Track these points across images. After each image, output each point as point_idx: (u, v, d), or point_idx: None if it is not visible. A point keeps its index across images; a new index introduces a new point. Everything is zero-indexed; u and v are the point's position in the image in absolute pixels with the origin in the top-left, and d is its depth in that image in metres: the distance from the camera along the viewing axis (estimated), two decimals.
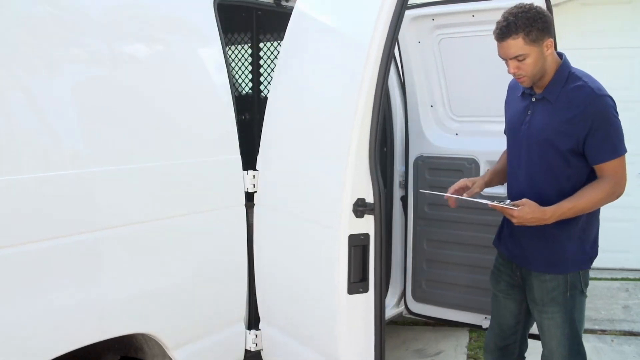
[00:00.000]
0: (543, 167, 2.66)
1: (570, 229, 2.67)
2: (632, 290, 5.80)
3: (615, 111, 2.60)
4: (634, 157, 6.24)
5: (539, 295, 2.75)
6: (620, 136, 2.60)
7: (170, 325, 2.64)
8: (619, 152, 2.58)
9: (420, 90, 3.96)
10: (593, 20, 6.19)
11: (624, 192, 2.62)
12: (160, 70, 2.63)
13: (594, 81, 2.64)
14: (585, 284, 2.75)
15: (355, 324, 2.52)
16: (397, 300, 4.20)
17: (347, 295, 2.47)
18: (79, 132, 2.33)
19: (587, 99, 2.56)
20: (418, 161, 3.99)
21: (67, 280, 2.30)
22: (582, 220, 2.67)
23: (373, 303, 2.51)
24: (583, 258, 2.73)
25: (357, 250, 2.46)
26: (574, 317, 2.72)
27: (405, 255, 4.08)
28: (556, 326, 2.73)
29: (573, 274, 2.71)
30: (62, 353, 2.29)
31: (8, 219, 2.11)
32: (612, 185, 2.57)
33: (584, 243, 2.72)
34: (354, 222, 2.44)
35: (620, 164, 2.59)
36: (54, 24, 2.31)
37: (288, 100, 2.90)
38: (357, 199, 2.43)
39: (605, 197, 2.59)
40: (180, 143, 2.67)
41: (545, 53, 2.58)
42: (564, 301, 2.71)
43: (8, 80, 2.15)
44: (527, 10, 2.54)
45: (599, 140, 2.55)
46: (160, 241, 2.59)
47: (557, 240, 2.68)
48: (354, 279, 2.46)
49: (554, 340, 2.76)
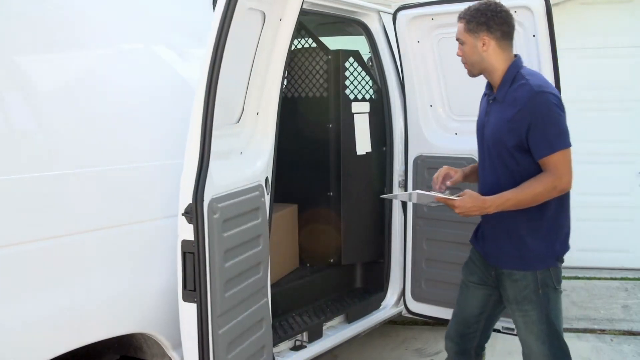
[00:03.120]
0: (500, 165, 2.75)
1: (537, 226, 2.73)
2: (631, 290, 5.80)
3: (557, 107, 2.65)
4: (634, 157, 6.27)
5: (512, 295, 2.80)
6: (560, 131, 2.64)
7: (169, 325, 2.64)
8: (558, 146, 2.62)
9: (420, 89, 3.96)
10: (593, 20, 6.19)
11: (569, 188, 2.67)
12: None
13: (539, 79, 2.72)
14: (558, 281, 2.79)
15: (193, 334, 2.43)
16: (397, 299, 4.21)
17: (183, 302, 2.42)
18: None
19: (527, 95, 2.64)
20: (417, 161, 3.99)
21: (65, 280, 2.30)
22: (550, 217, 2.73)
23: (196, 317, 2.41)
24: (552, 256, 2.77)
25: (189, 257, 2.39)
26: (549, 314, 2.77)
27: (405, 255, 4.08)
28: (532, 323, 2.79)
29: (543, 272, 2.75)
30: (62, 353, 2.29)
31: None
32: (553, 180, 2.62)
33: (553, 241, 2.76)
34: (186, 228, 2.38)
35: (562, 159, 2.63)
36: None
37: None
38: (188, 204, 2.37)
39: (545, 191, 2.63)
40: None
41: (480, 48, 2.72)
42: (537, 299, 2.75)
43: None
44: (484, 4, 2.74)
45: (539, 135, 2.62)
46: (159, 241, 2.59)
47: (525, 238, 2.74)
48: (189, 286, 2.41)
49: (531, 338, 2.81)
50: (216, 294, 2.43)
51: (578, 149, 6.59)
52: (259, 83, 2.80)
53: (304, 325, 3.65)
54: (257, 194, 2.73)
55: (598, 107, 6.21)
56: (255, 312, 2.73)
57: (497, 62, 2.74)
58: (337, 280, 4.25)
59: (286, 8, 2.76)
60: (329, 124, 4.11)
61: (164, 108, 2.69)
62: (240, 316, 2.62)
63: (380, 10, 4.13)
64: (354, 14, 4.03)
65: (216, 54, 2.29)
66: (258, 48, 2.72)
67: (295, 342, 3.59)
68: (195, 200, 2.34)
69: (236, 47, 2.45)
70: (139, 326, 2.57)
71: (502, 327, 3.66)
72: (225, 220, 2.48)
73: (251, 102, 2.79)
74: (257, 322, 2.77)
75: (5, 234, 2.12)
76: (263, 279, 2.79)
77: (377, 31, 4.12)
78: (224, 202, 2.48)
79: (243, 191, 2.64)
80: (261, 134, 2.86)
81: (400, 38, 3.89)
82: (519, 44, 3.54)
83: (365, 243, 4.24)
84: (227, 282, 2.50)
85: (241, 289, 2.62)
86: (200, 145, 2.33)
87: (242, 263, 2.62)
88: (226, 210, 2.48)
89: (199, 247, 2.36)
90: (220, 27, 2.28)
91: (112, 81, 2.53)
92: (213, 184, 2.42)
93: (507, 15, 2.75)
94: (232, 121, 2.74)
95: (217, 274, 2.43)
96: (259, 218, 2.74)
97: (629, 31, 6.16)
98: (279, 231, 3.84)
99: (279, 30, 2.79)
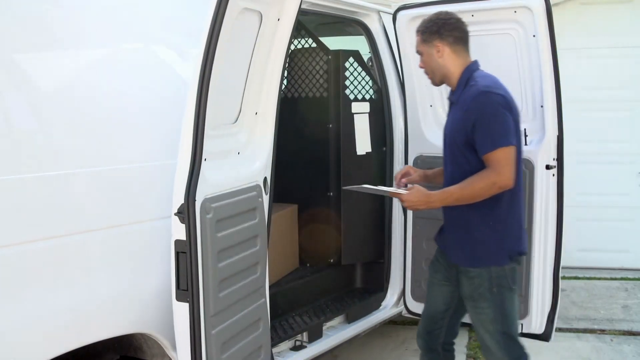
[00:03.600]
0: (455, 164, 2.88)
1: (488, 222, 2.85)
2: (631, 290, 5.80)
3: (502, 107, 2.75)
4: (634, 157, 6.27)
5: (468, 292, 2.92)
6: (503, 130, 2.74)
7: (169, 325, 2.64)
8: (499, 144, 2.71)
9: (420, 89, 3.96)
10: (593, 20, 6.19)
11: (509, 184, 2.74)
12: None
13: (488, 80, 2.83)
14: (513, 281, 2.88)
15: (186, 333, 2.44)
16: (397, 299, 4.21)
17: (176, 302, 2.43)
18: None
19: (473, 95, 2.78)
20: (417, 161, 3.99)
21: (66, 280, 2.30)
22: (500, 214, 2.84)
23: (188, 316, 2.41)
24: (503, 254, 2.86)
25: (182, 256, 2.40)
26: (505, 312, 2.88)
27: (405, 255, 4.08)
28: (488, 321, 2.90)
29: (497, 270, 2.85)
30: (62, 353, 2.29)
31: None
32: (494, 176, 2.72)
33: (505, 238, 2.87)
34: (179, 228, 2.39)
35: (503, 156, 2.72)
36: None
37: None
38: (181, 204, 2.37)
39: (486, 186, 2.73)
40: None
41: (436, 55, 2.87)
42: (491, 297, 2.86)
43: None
44: (434, 15, 2.93)
45: (482, 133, 2.73)
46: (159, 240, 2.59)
47: (476, 234, 2.86)
48: (182, 286, 2.41)
49: (487, 336, 2.92)
50: (209, 294, 2.43)
51: (578, 149, 6.63)
52: (257, 83, 2.80)
53: (304, 325, 3.65)
54: (254, 194, 2.73)
55: (598, 107, 6.21)
56: (252, 312, 2.73)
57: (453, 67, 2.88)
58: (337, 280, 4.25)
59: (284, 8, 2.76)
60: (329, 124, 4.12)
61: (165, 107, 2.69)
62: (235, 316, 2.62)
63: (380, 10, 4.13)
64: (354, 14, 4.03)
65: (208, 54, 2.30)
66: (255, 48, 2.72)
67: (295, 342, 3.60)
68: (187, 200, 2.34)
69: (231, 47, 2.45)
70: (139, 326, 2.57)
71: None
72: (219, 220, 2.48)
73: (249, 102, 2.79)
74: (254, 322, 2.77)
75: (5, 234, 2.11)
76: (260, 279, 2.79)
77: (377, 31, 4.12)
78: (218, 202, 2.48)
79: (239, 191, 2.64)
80: (260, 135, 2.86)
81: (400, 38, 3.89)
82: (519, 44, 3.56)
83: (365, 243, 4.24)
84: (221, 281, 2.50)
85: (237, 289, 2.62)
86: (192, 145, 2.33)
87: (238, 263, 2.62)
88: (220, 210, 2.49)
89: (190, 246, 2.37)
90: (212, 27, 2.29)
91: (112, 81, 2.54)
92: (207, 183, 2.42)
93: (458, 21, 2.90)
94: (229, 121, 2.74)
95: (211, 273, 2.43)
96: (256, 218, 2.74)
97: (629, 31, 6.15)
98: (279, 231, 3.85)
99: (277, 30, 2.79)
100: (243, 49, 2.67)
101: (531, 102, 3.60)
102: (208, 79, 2.31)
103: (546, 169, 3.55)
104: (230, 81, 2.61)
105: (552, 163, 3.56)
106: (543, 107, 3.52)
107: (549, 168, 3.55)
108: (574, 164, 5.49)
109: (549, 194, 3.58)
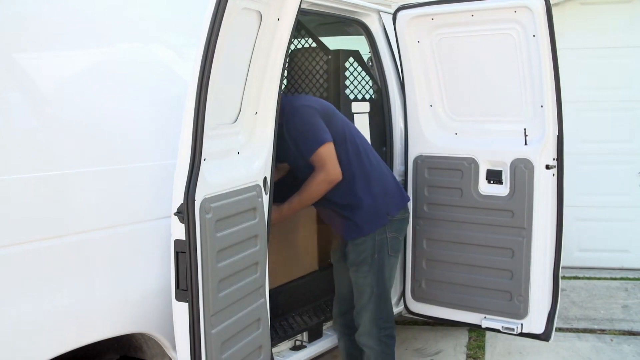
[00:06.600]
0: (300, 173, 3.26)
1: (349, 199, 3.20)
2: (631, 290, 5.80)
3: (308, 109, 3.09)
4: (634, 157, 6.27)
5: (353, 258, 3.29)
6: (314, 131, 3.06)
7: (169, 325, 2.64)
8: (317, 144, 3.05)
9: (420, 89, 3.96)
10: (593, 20, 6.19)
11: (339, 177, 3.09)
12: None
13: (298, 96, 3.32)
14: (393, 249, 3.31)
15: (186, 333, 2.44)
16: (397, 299, 4.20)
17: (176, 302, 2.43)
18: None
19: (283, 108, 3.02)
20: (417, 161, 3.99)
21: (65, 280, 2.30)
22: (357, 188, 3.20)
23: (188, 316, 2.41)
24: (379, 213, 3.24)
25: (182, 256, 2.40)
26: (384, 277, 3.27)
27: (405, 255, 4.08)
28: (368, 285, 3.26)
29: (380, 238, 3.24)
30: (62, 352, 2.29)
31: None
32: (322, 174, 3.07)
33: (376, 202, 3.23)
34: (178, 228, 2.39)
35: (323, 154, 3.05)
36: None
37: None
38: (180, 204, 2.37)
39: (318, 184, 3.08)
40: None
41: None
42: (371, 262, 3.24)
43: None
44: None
45: (298, 140, 3.09)
46: (159, 240, 2.60)
47: (346, 212, 3.24)
48: (181, 286, 2.42)
49: (365, 297, 3.27)
50: (209, 294, 2.43)
51: (579, 149, 6.65)
52: (257, 83, 2.80)
53: (304, 325, 3.65)
54: (253, 194, 2.73)
55: (598, 107, 6.21)
56: (251, 312, 2.73)
57: None
58: None
59: (284, 8, 2.76)
60: None
61: (165, 107, 2.69)
62: (235, 316, 2.62)
63: (380, 10, 4.13)
64: (354, 14, 4.03)
65: (207, 54, 2.30)
66: (255, 48, 2.72)
67: (295, 342, 3.60)
68: (187, 200, 2.34)
69: (231, 47, 2.45)
70: (139, 326, 2.57)
71: (502, 327, 3.67)
72: (219, 220, 2.48)
73: (249, 102, 2.79)
74: (254, 322, 2.77)
75: (5, 234, 2.12)
76: (260, 279, 2.79)
77: (377, 31, 4.12)
78: (218, 202, 2.48)
79: (239, 191, 2.64)
80: (260, 134, 2.86)
81: (400, 38, 3.89)
82: (519, 44, 3.55)
83: None
84: (220, 281, 2.50)
85: (236, 289, 2.62)
86: (192, 145, 2.33)
87: (238, 263, 2.62)
88: (220, 210, 2.49)
89: (190, 246, 2.37)
90: (211, 27, 2.29)
91: (112, 80, 2.54)
92: (207, 183, 2.42)
93: None
94: (229, 121, 2.74)
95: (210, 273, 2.43)
96: (255, 218, 2.74)
97: (629, 31, 6.15)
98: (300, 230, 4.00)
99: (277, 30, 2.79)
100: (243, 48, 2.67)
101: (531, 102, 3.60)
102: (207, 79, 2.31)
103: (546, 169, 3.55)
104: (230, 81, 2.62)
105: (552, 163, 3.56)
106: (543, 107, 3.52)
107: (549, 168, 3.55)
108: (574, 164, 5.50)
109: (548, 194, 3.58)
